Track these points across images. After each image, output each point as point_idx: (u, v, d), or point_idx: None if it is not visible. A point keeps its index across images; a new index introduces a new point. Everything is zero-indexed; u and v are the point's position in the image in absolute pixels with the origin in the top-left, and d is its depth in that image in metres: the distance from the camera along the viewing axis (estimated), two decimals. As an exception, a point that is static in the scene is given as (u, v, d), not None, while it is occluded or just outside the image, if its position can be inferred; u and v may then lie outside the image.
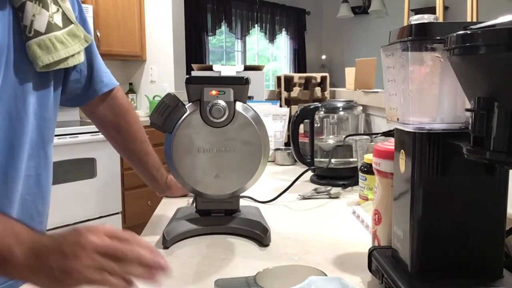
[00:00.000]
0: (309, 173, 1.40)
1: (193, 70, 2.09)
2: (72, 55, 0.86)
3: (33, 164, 0.86)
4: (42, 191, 0.89)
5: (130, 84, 4.22)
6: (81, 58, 0.89)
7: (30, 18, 0.78)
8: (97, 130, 1.12)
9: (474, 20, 1.82)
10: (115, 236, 0.60)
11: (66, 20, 0.85)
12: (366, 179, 1.08)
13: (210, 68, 2.08)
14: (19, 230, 0.61)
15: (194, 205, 0.97)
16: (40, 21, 0.80)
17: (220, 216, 0.94)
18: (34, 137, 0.85)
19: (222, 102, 0.87)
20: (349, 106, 1.55)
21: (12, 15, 0.77)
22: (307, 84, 2.14)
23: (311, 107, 1.43)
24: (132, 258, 0.58)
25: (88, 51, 0.96)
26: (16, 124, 0.80)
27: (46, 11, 0.81)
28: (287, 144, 1.80)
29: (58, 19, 0.83)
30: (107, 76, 1.03)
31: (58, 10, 0.84)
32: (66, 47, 0.84)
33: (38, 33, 0.79)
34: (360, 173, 1.11)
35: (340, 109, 1.53)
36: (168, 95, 0.89)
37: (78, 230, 0.60)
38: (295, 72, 6.86)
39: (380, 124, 1.76)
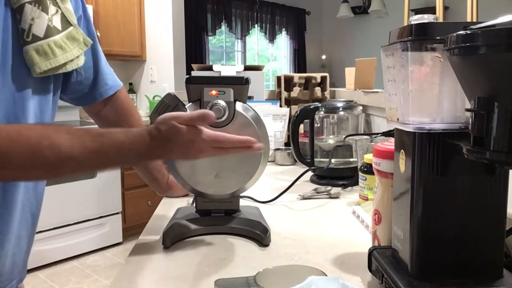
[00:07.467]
0: (309, 173, 1.40)
1: (193, 70, 2.09)
2: (71, 60, 0.82)
3: None
4: (37, 195, 0.87)
5: (130, 84, 4.22)
6: (80, 62, 0.85)
7: (29, 22, 0.74)
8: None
9: (474, 20, 1.82)
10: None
11: (65, 22, 0.81)
12: (366, 179, 1.08)
13: (210, 68, 2.08)
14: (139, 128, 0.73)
15: (194, 205, 0.97)
16: (40, 25, 0.75)
17: (220, 216, 0.94)
18: None
19: (222, 102, 0.87)
20: (349, 106, 1.55)
21: (11, 17, 0.72)
22: (307, 84, 2.14)
23: (311, 107, 1.43)
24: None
25: (94, 54, 0.94)
26: None
27: (46, 14, 0.77)
28: (287, 144, 1.79)
29: (57, 22, 0.79)
30: (112, 78, 1.01)
31: (57, 11, 0.80)
32: (65, 52, 0.80)
33: (36, 38, 0.75)
34: (360, 173, 1.11)
35: (340, 109, 1.53)
36: (168, 95, 0.89)
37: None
38: (295, 72, 6.86)
39: (380, 124, 1.76)
